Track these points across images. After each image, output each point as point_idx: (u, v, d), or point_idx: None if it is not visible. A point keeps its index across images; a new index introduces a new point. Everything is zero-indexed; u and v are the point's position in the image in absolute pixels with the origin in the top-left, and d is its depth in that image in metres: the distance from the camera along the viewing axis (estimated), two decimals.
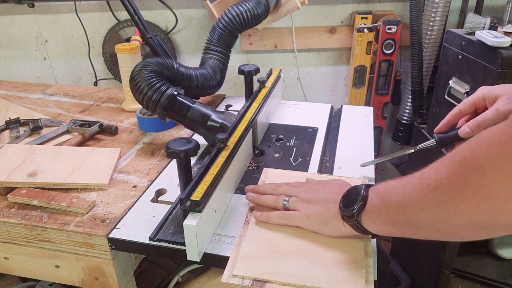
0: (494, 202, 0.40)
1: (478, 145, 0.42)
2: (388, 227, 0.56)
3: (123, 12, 1.73)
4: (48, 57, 1.88)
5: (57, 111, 1.22)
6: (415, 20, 1.45)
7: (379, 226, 0.57)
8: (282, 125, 1.09)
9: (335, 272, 0.60)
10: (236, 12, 1.11)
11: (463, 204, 0.43)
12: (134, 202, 0.78)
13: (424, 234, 0.52)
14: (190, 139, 0.70)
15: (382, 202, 0.56)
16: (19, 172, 0.83)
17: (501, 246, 1.57)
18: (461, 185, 0.43)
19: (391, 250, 1.72)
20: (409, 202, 0.50)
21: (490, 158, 0.40)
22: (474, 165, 0.42)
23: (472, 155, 0.42)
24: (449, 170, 0.45)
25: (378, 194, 0.58)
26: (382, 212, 0.56)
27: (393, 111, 1.87)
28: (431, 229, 0.50)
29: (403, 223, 0.53)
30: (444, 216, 0.46)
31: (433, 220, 0.48)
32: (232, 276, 0.60)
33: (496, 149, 0.40)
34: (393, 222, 0.55)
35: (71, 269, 0.77)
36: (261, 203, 0.73)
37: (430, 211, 0.47)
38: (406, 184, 0.52)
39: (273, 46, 1.76)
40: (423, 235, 0.52)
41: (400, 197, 0.52)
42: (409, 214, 0.51)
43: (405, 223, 0.53)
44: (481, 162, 0.41)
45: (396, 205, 0.53)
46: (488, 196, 0.41)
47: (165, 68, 0.95)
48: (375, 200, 0.58)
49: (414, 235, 0.53)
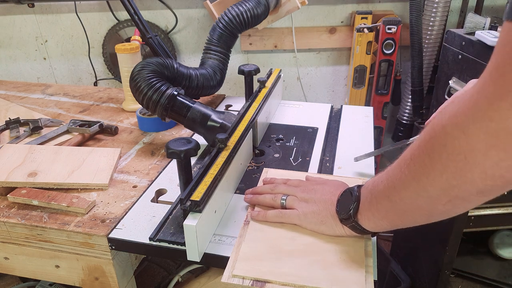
0: (457, 160, 0.42)
1: (444, 109, 0.44)
2: (380, 220, 0.57)
3: (123, 12, 1.73)
4: (48, 57, 1.88)
5: (57, 111, 1.22)
6: (415, 20, 1.45)
7: (372, 222, 0.58)
8: (282, 125, 1.09)
9: (335, 272, 0.60)
10: (236, 12, 1.11)
11: (433, 170, 0.45)
12: (134, 202, 0.78)
13: (411, 218, 0.53)
14: (190, 139, 0.70)
15: (371, 194, 0.58)
16: (19, 172, 0.83)
17: (501, 246, 1.57)
18: (428, 151, 0.45)
19: (391, 250, 1.72)
20: (392, 184, 0.52)
21: (452, 116, 0.42)
22: (439, 126, 0.44)
23: (437, 120, 0.44)
24: (420, 140, 0.47)
25: (367, 189, 0.59)
26: (372, 204, 0.57)
27: (393, 111, 1.87)
28: (415, 210, 0.51)
29: (391, 210, 0.55)
30: (420, 188, 0.48)
31: (413, 196, 0.50)
32: (232, 276, 0.60)
33: (458, 107, 0.41)
34: (383, 213, 0.56)
35: (71, 269, 0.77)
36: (258, 202, 0.73)
37: (409, 187, 0.49)
38: (389, 169, 0.54)
39: (273, 46, 1.76)
40: (410, 220, 0.54)
41: (385, 183, 0.54)
42: (393, 197, 0.53)
43: (393, 210, 0.54)
44: (444, 122, 0.43)
45: (382, 192, 0.55)
46: (451, 155, 0.42)
47: (165, 68, 0.95)
48: (365, 195, 0.59)
49: (404, 222, 0.55)
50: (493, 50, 0.39)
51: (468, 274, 1.57)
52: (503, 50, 0.37)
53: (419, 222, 0.53)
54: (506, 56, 0.37)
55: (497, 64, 0.38)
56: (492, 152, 0.39)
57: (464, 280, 1.58)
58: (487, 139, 0.38)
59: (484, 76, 0.39)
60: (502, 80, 0.37)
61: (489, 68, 0.39)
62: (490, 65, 0.39)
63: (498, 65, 0.37)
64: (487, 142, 0.39)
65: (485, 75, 0.39)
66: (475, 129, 0.39)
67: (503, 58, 0.37)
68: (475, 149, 0.40)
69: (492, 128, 0.38)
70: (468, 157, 0.41)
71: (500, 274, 1.56)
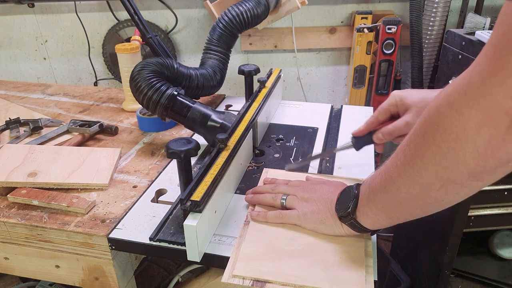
0: (449, 140, 0.42)
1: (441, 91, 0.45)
2: (377, 215, 0.57)
3: (123, 12, 1.73)
4: (48, 57, 1.88)
5: (57, 111, 1.22)
6: (415, 20, 1.45)
7: (370, 217, 0.59)
8: (282, 125, 1.09)
9: (335, 272, 0.60)
10: (236, 12, 1.10)
11: (426, 151, 0.45)
12: (134, 202, 0.78)
13: (407, 210, 0.53)
14: (190, 139, 0.70)
15: (369, 189, 0.58)
16: (19, 172, 0.83)
17: (501, 246, 1.57)
18: (422, 132, 0.46)
19: (391, 250, 1.72)
20: (388, 175, 0.53)
21: (446, 95, 0.43)
22: (433, 107, 0.44)
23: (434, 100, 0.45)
24: (417, 124, 0.47)
25: (366, 184, 0.60)
26: (370, 199, 0.58)
27: None
28: (411, 200, 0.51)
29: (387, 202, 0.55)
30: (414, 173, 0.48)
31: (407, 183, 0.50)
32: (232, 276, 0.60)
33: (452, 87, 0.42)
34: (380, 207, 0.56)
35: (71, 269, 0.77)
36: (259, 202, 0.73)
37: (404, 173, 0.50)
38: (386, 162, 0.54)
39: (273, 46, 1.76)
40: (406, 213, 0.54)
41: (382, 174, 0.55)
42: (389, 187, 0.53)
43: (389, 202, 0.54)
44: (438, 103, 0.43)
45: (379, 184, 0.55)
46: (443, 135, 0.42)
47: (165, 68, 0.95)
48: (364, 190, 0.60)
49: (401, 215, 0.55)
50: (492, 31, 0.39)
51: (468, 274, 1.57)
52: (499, 29, 0.38)
53: (415, 214, 0.53)
54: (501, 34, 0.37)
55: (492, 43, 0.38)
56: (484, 130, 0.39)
57: (464, 280, 1.58)
58: (478, 116, 0.39)
59: (479, 56, 0.40)
60: (496, 56, 0.37)
61: (485, 48, 0.39)
62: (487, 45, 0.39)
63: (494, 44, 0.38)
64: (478, 120, 0.39)
65: (481, 55, 0.40)
66: (467, 107, 0.39)
67: (498, 37, 0.37)
68: (467, 127, 0.40)
69: (483, 105, 0.38)
70: (460, 136, 0.41)
71: (500, 274, 1.56)
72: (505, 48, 0.36)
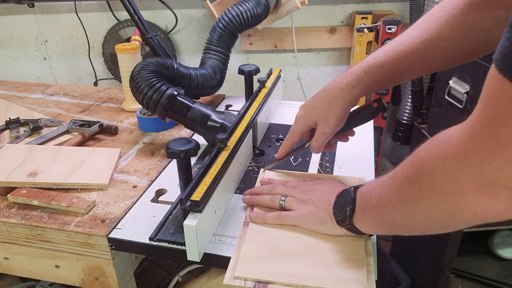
0: (447, 201, 0.42)
1: (432, 147, 0.44)
2: (375, 227, 0.58)
3: (123, 12, 1.73)
4: (48, 57, 1.88)
5: (57, 111, 1.22)
6: (415, 20, 1.45)
7: (368, 227, 0.59)
8: (282, 125, 1.09)
9: (337, 272, 0.60)
10: (236, 12, 1.10)
11: (423, 204, 0.45)
12: (134, 202, 0.78)
13: (405, 231, 0.54)
14: (190, 139, 0.70)
15: (365, 203, 0.58)
16: (19, 172, 0.83)
17: (501, 246, 1.57)
18: (418, 186, 0.45)
19: (391, 250, 1.72)
20: (383, 204, 0.53)
21: (440, 160, 0.41)
22: (427, 167, 0.43)
23: (426, 157, 0.44)
24: (409, 171, 0.47)
25: (362, 196, 0.59)
26: (366, 213, 0.57)
27: (393, 111, 1.86)
28: (407, 227, 0.52)
29: (384, 223, 0.55)
30: (411, 215, 0.48)
31: (404, 219, 0.50)
32: (234, 278, 0.60)
33: (446, 152, 0.41)
34: (377, 223, 0.56)
35: (71, 269, 0.77)
36: (257, 203, 0.73)
37: (399, 211, 0.50)
38: (382, 185, 0.54)
39: (273, 46, 1.76)
40: (404, 232, 0.54)
41: (377, 198, 0.54)
42: (385, 215, 0.53)
43: (386, 223, 0.55)
44: (433, 164, 0.42)
45: (375, 207, 0.55)
46: (441, 196, 0.42)
47: (165, 68, 0.95)
48: (360, 201, 0.59)
49: (398, 233, 0.55)
50: (479, 98, 0.37)
51: (468, 274, 1.57)
52: (491, 104, 0.35)
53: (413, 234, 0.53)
54: (495, 113, 0.35)
55: (487, 120, 0.36)
56: (483, 199, 0.38)
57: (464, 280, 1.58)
58: (478, 188, 0.38)
59: (473, 126, 0.38)
60: (494, 139, 0.35)
61: (477, 121, 0.37)
62: (479, 117, 0.37)
63: (489, 123, 0.35)
64: (478, 191, 0.38)
65: (475, 126, 0.37)
66: (465, 181, 0.39)
67: (493, 115, 0.35)
68: (465, 195, 0.40)
69: (483, 181, 0.38)
70: (458, 200, 0.41)
71: (500, 274, 1.56)
72: (502, 128, 0.34)
